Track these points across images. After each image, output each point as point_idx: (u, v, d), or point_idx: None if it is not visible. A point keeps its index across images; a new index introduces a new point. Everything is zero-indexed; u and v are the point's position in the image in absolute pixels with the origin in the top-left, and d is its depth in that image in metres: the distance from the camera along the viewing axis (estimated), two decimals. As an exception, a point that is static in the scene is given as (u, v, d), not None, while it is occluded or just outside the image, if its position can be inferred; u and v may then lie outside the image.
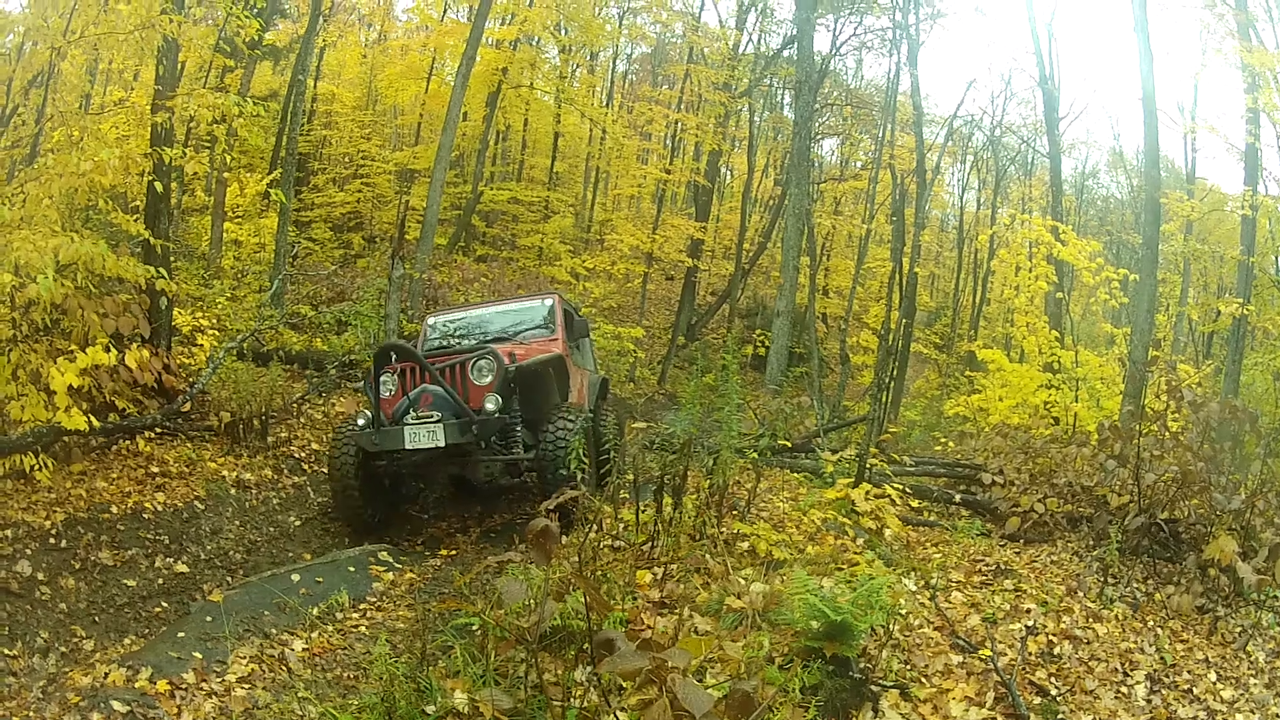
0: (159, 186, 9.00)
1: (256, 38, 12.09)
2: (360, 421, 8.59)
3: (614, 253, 25.69)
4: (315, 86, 25.89)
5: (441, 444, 8.16)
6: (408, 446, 8.25)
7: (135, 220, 8.94)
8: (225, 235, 18.89)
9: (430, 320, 11.43)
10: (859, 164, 35.11)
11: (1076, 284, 22.95)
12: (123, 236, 9.42)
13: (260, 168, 22.08)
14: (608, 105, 33.25)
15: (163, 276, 8.51)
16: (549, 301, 10.90)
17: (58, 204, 7.71)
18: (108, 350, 7.63)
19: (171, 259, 9.37)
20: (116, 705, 4.80)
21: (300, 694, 4.24)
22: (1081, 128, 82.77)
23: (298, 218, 22.66)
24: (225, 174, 18.71)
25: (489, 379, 8.58)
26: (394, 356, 8.83)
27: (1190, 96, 60.17)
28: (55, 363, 7.35)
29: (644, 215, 32.43)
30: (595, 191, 31.94)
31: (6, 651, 5.71)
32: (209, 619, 5.83)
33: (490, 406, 8.35)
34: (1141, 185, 22.31)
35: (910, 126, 24.84)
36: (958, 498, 9.80)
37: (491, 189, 26.78)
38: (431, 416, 8.30)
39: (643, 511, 7.34)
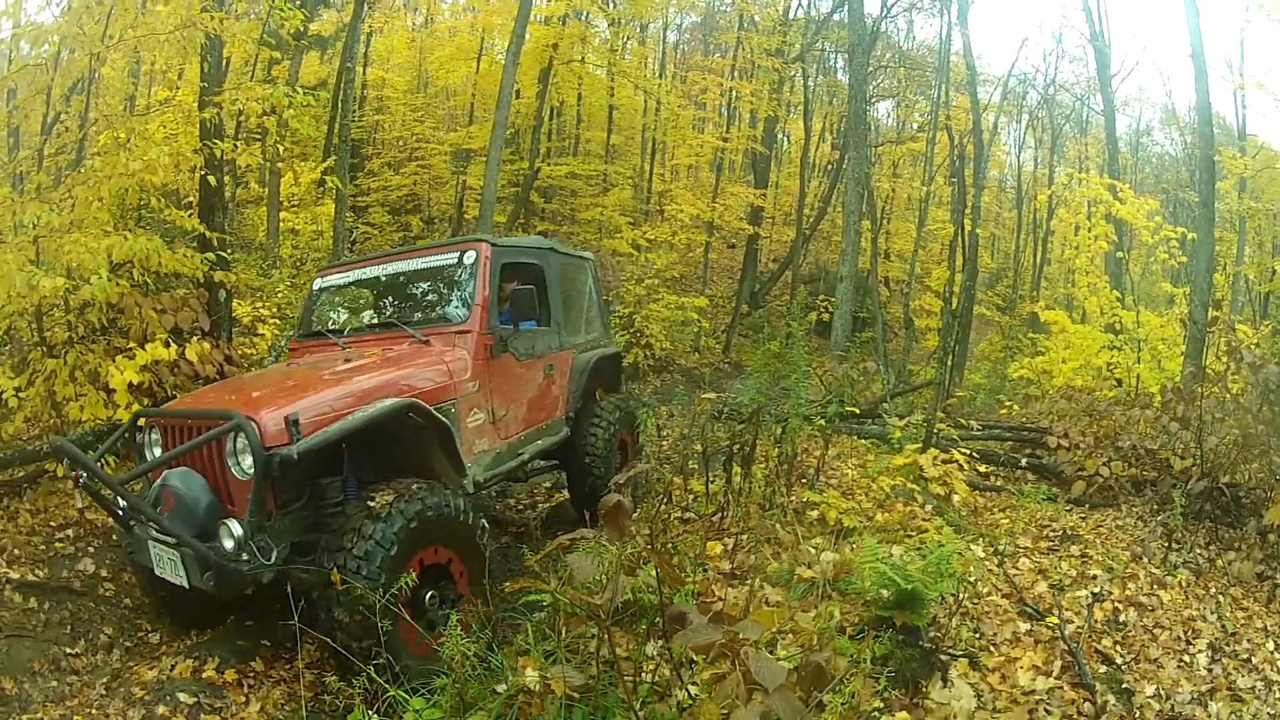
0: (212, 180, 9.02)
1: (301, 29, 12.10)
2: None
3: (674, 223, 25.48)
4: (365, 73, 26.02)
5: (185, 585, 4.98)
6: (156, 572, 5.22)
7: (190, 215, 8.97)
8: (282, 224, 19.10)
9: (318, 283, 7.86)
10: (915, 126, 34.77)
11: (1135, 243, 22.54)
12: (178, 232, 9.48)
13: (314, 156, 22.28)
14: (660, 76, 33.14)
15: (220, 268, 8.57)
16: (470, 257, 6.82)
17: (108, 205, 7.72)
18: (167, 345, 7.70)
19: (229, 251, 9.40)
20: (182, 697, 4.87)
21: (369, 676, 4.25)
22: (1134, 84, 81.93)
23: (354, 203, 22.85)
24: (278, 164, 18.90)
25: (250, 471, 4.89)
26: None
27: (1237, 52, 59.80)
28: (114, 361, 7.44)
29: (703, 184, 32.25)
30: (653, 162, 31.72)
31: (69, 650, 5.70)
32: (279, 606, 5.85)
33: (229, 545, 4.79)
34: (1195, 143, 21.82)
35: (964, 86, 24.49)
36: (1024, 461, 9.66)
37: (548, 164, 26.78)
38: (169, 536, 4.93)
39: (712, 482, 7.33)
